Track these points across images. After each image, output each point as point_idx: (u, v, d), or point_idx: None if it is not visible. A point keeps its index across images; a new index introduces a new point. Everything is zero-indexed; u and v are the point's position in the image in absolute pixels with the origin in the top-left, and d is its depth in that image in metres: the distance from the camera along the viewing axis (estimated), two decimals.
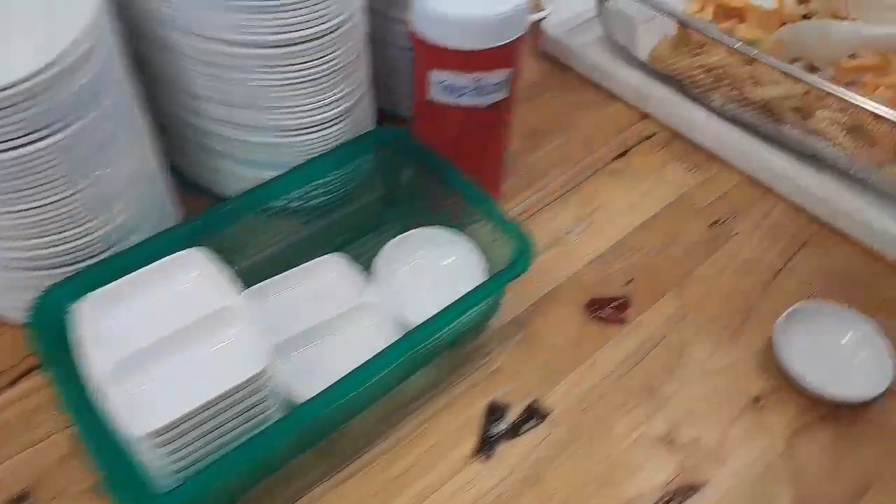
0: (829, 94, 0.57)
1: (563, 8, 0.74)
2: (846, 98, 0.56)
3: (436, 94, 0.49)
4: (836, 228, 0.60)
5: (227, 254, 0.45)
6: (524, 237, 0.48)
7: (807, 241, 0.59)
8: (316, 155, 0.53)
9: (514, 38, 0.47)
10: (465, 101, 0.49)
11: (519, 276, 0.47)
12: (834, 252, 0.58)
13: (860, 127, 0.60)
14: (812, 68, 0.71)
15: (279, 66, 0.47)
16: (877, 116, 0.55)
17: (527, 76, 0.73)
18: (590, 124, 0.68)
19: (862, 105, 0.56)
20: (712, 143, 0.65)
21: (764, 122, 0.63)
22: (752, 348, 0.52)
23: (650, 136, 0.67)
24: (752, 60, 0.62)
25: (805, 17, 0.76)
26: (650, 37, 0.68)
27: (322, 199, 0.54)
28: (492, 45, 0.46)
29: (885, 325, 0.51)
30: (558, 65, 0.74)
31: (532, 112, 0.69)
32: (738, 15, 0.76)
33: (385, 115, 0.62)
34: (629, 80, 0.69)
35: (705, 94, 0.65)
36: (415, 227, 0.54)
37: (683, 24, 0.64)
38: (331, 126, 0.52)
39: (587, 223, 0.60)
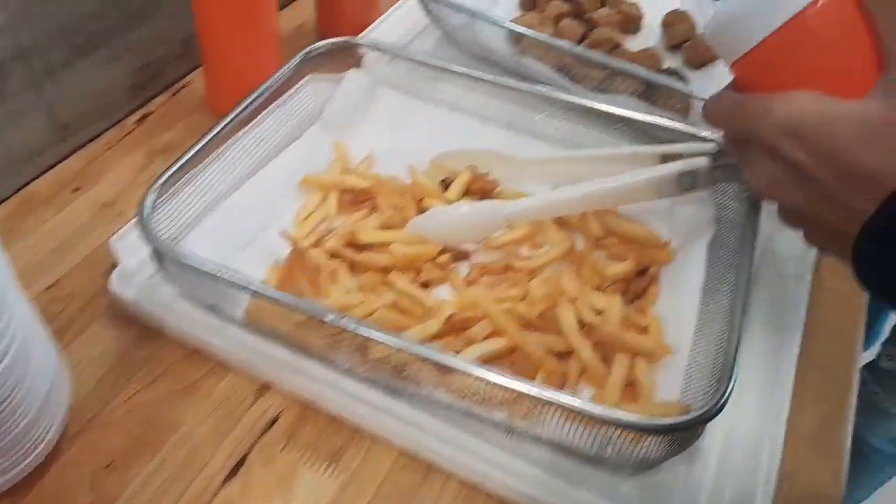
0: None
1: (137, 247, 0.55)
2: (447, 364, 0.43)
3: None
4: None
5: None
6: None
7: None
8: None
9: None
10: None
11: None
12: None
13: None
14: (460, 255, 0.59)
15: None
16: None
17: (98, 361, 0.53)
18: (194, 422, 0.50)
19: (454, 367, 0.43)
20: (351, 414, 0.50)
21: (402, 383, 0.48)
22: None
23: (273, 423, 0.50)
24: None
25: (444, 182, 0.64)
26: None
27: None
28: None
29: None
30: (147, 330, 0.55)
31: (108, 427, 0.49)
32: (370, 197, 0.62)
33: None
34: (235, 341, 0.52)
35: (326, 355, 0.50)
36: None
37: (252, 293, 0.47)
38: None
39: None
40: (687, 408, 0.46)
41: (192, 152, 0.54)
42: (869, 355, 1.08)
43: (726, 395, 0.42)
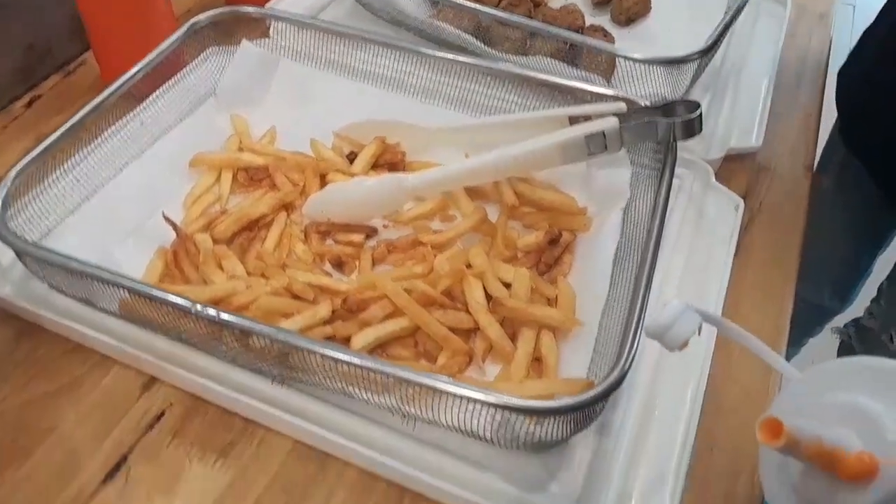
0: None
1: None
2: (326, 354, 0.40)
3: None
4: (420, 493, 0.44)
5: None
6: None
7: None
8: None
9: None
10: None
11: None
12: None
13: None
14: (368, 231, 0.56)
15: None
16: None
17: None
18: (73, 422, 0.46)
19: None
20: (241, 407, 0.46)
21: (289, 372, 0.45)
22: None
23: (159, 417, 0.47)
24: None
25: (350, 156, 0.61)
26: None
27: None
28: None
29: None
30: (27, 326, 0.51)
31: None
32: (268, 175, 0.59)
33: None
34: (117, 335, 0.48)
35: (207, 347, 0.47)
36: None
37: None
38: None
39: None
40: (591, 383, 0.43)
41: (57, 135, 0.50)
42: (854, 312, 1.06)
43: (623, 370, 0.39)
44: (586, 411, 0.40)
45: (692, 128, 0.51)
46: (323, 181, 0.58)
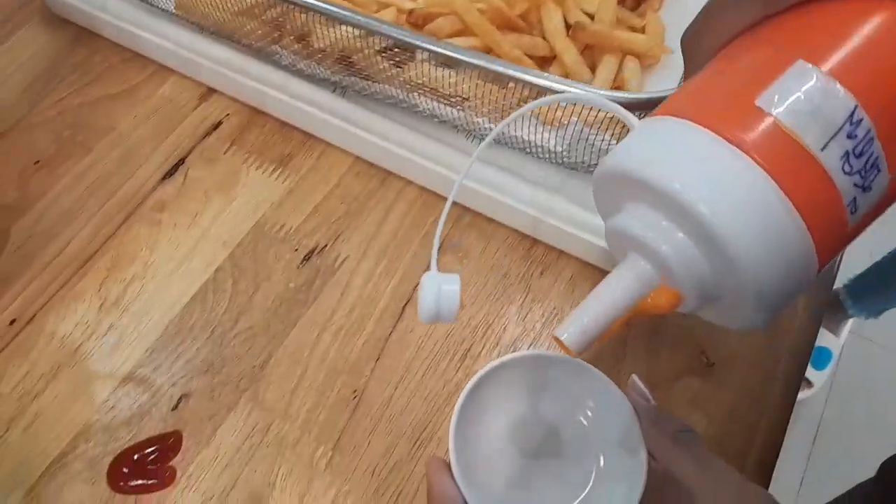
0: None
1: None
2: (391, 35, 0.36)
3: None
4: (482, 213, 0.42)
5: None
6: None
7: (447, 247, 0.41)
8: None
9: None
10: None
11: None
12: (483, 243, 0.41)
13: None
14: None
15: None
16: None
17: (27, 65, 0.48)
18: (130, 125, 0.45)
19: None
20: (301, 119, 0.44)
21: (351, 79, 0.42)
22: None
23: (217, 126, 0.45)
24: None
25: None
26: None
27: None
28: None
29: None
30: (83, 33, 0.49)
31: (35, 129, 0.45)
32: None
33: None
34: (174, 40, 0.46)
35: (267, 49, 0.44)
36: None
37: None
38: None
39: (118, 313, 0.39)
40: None
41: None
42: None
43: None
44: None
45: None
46: None
